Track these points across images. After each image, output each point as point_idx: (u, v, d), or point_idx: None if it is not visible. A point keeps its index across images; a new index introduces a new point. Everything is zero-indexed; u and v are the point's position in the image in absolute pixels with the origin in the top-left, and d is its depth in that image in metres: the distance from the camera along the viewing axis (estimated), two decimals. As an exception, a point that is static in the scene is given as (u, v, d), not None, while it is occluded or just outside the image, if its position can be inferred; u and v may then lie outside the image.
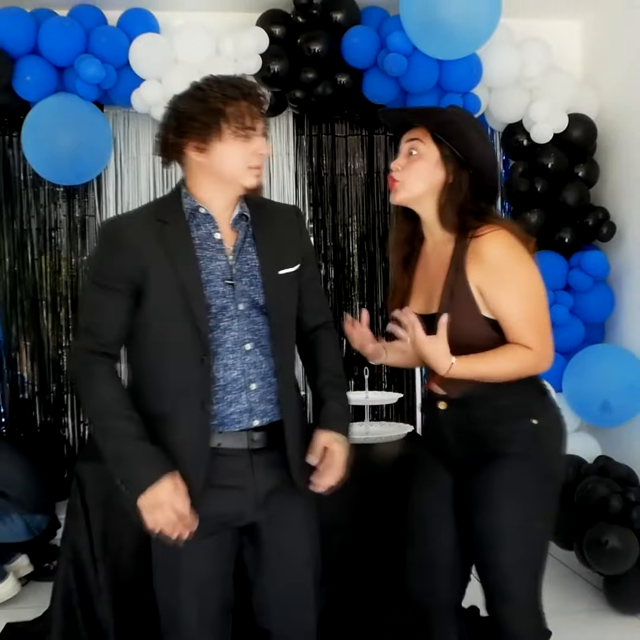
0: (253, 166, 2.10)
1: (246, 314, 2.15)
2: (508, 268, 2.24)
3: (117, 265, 2.07)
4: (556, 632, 3.37)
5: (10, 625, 3.65)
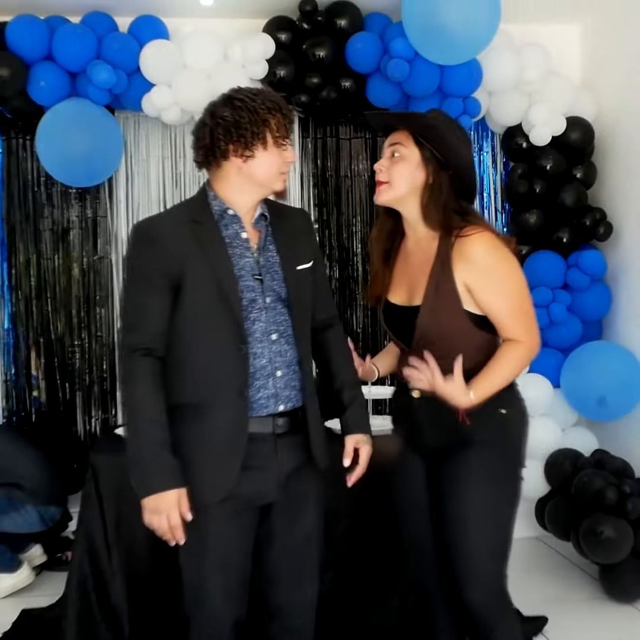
0: (283, 172, 2.33)
1: (272, 307, 2.31)
2: (494, 267, 2.38)
3: (155, 263, 2.22)
4: (554, 619, 3.53)
5: (25, 611, 3.78)
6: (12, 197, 4.62)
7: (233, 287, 2.25)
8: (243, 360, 2.25)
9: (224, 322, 2.24)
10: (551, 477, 4.21)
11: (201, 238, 2.26)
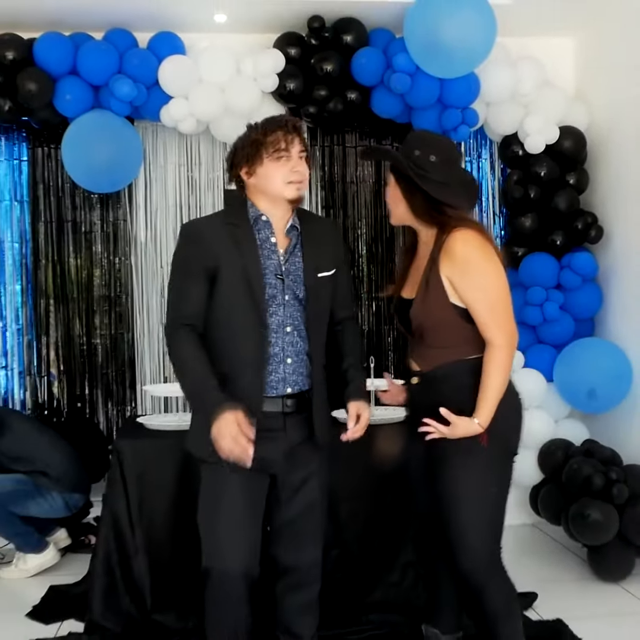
0: (293, 181, 2.62)
1: (290, 304, 2.66)
2: (472, 262, 2.62)
3: (197, 256, 2.62)
4: (546, 598, 3.80)
5: (53, 587, 4.06)
6: (38, 202, 4.91)
7: (258, 282, 2.60)
8: (262, 342, 2.61)
9: (249, 310, 2.61)
10: (544, 465, 4.46)
11: (237, 238, 2.63)
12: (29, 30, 4.47)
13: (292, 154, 2.63)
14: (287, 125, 2.63)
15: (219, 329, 2.65)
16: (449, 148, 2.83)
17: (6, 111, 4.38)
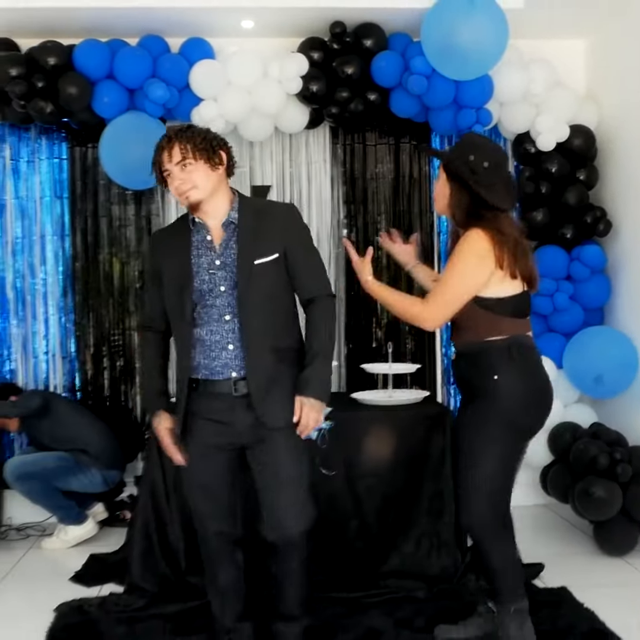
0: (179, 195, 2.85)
1: (229, 294, 2.83)
2: (456, 254, 3.01)
3: (152, 264, 3.05)
4: (552, 570, 4.05)
5: (93, 555, 4.38)
6: (76, 198, 5.19)
7: (185, 281, 2.86)
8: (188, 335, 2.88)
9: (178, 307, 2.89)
10: (553, 447, 4.71)
11: (175, 242, 2.92)
12: (69, 37, 4.76)
13: (172, 170, 2.83)
14: (162, 141, 2.84)
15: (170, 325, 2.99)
16: (498, 153, 3.18)
17: (48, 113, 4.66)
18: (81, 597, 3.80)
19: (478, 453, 2.98)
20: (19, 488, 4.58)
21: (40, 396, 4.73)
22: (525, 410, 3.05)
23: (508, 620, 3.03)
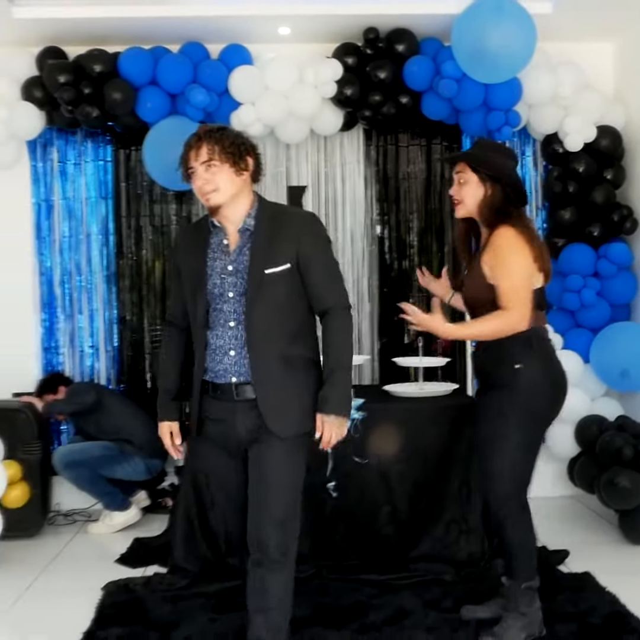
0: (201, 195, 2.85)
1: (236, 300, 2.81)
2: (505, 254, 3.14)
3: (174, 262, 3.06)
4: (577, 557, 4.20)
5: (137, 539, 4.60)
6: (120, 199, 5.43)
7: (200, 284, 2.85)
8: (203, 337, 2.87)
9: (193, 308, 2.90)
10: (580, 439, 4.85)
11: (194, 243, 2.92)
12: (114, 44, 4.98)
13: (197, 168, 2.83)
14: (192, 139, 2.87)
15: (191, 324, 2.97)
16: (514, 154, 3.44)
17: (94, 118, 4.88)
18: (127, 577, 4.02)
19: (501, 441, 3.15)
20: (67, 475, 4.82)
21: (94, 391, 4.96)
22: (544, 399, 3.24)
23: (518, 595, 3.22)
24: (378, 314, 5.51)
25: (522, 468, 3.20)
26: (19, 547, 4.55)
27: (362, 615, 3.50)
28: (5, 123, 4.91)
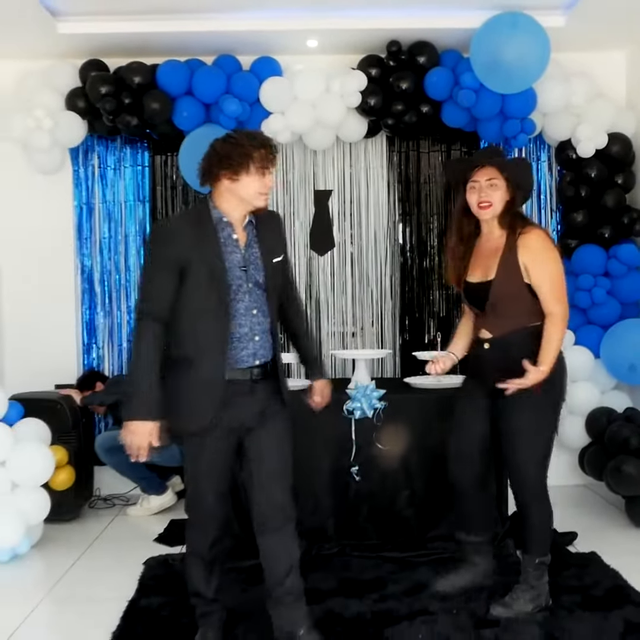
0: (263, 193, 3.02)
1: (254, 290, 3.05)
2: (543, 254, 3.45)
3: (169, 254, 2.93)
4: (585, 539, 4.46)
5: (173, 521, 4.93)
6: (156, 201, 5.75)
7: (223, 277, 2.96)
8: (227, 327, 2.98)
9: (215, 301, 2.95)
10: (590, 430, 5.12)
11: (202, 237, 2.95)
12: (152, 56, 5.32)
13: (270, 171, 3.00)
14: (268, 145, 3.00)
15: (188, 318, 2.95)
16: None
17: (133, 126, 5.22)
18: (166, 553, 4.35)
19: (536, 432, 3.43)
20: (108, 460, 5.15)
21: None
22: (562, 385, 3.54)
23: (531, 569, 3.50)
24: (400, 311, 5.80)
25: (547, 455, 3.51)
26: (62, 529, 4.89)
27: (382, 587, 3.79)
28: (51, 132, 5.24)
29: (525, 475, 3.47)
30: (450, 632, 3.28)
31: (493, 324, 3.52)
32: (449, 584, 3.71)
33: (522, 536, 3.61)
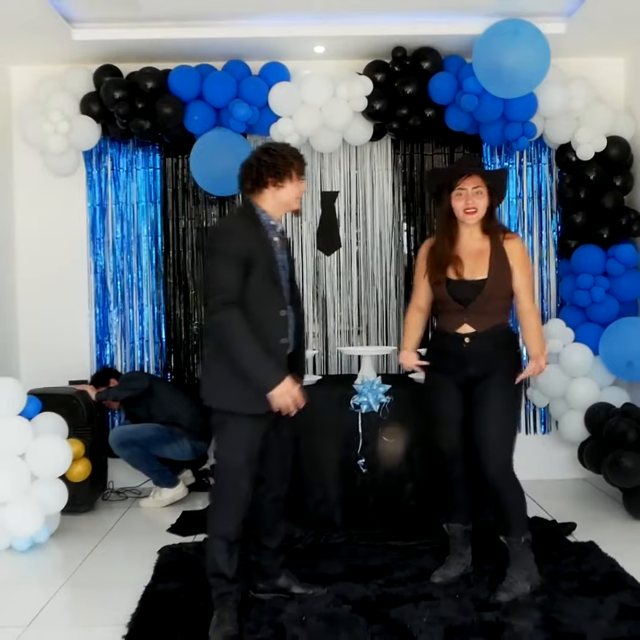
0: (300, 197, 3.53)
1: (287, 287, 3.50)
2: (526, 260, 3.85)
3: (235, 248, 3.30)
4: (585, 530, 4.62)
5: (185, 512, 5.10)
6: (167, 203, 5.92)
7: (277, 272, 3.41)
8: (284, 319, 3.42)
9: (273, 296, 3.39)
10: (589, 425, 5.27)
11: (259, 237, 3.38)
12: (163, 61, 5.48)
13: (304, 178, 3.53)
14: (302, 158, 3.51)
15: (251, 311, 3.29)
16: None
17: (146, 130, 5.38)
18: (179, 542, 4.51)
19: (506, 413, 3.73)
20: (122, 453, 5.31)
21: (146, 378, 5.47)
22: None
23: (520, 549, 3.72)
24: (404, 309, 5.95)
25: (514, 434, 3.80)
26: (78, 520, 5.06)
27: (388, 573, 3.96)
28: (66, 136, 5.40)
29: (496, 453, 3.67)
30: (453, 615, 3.43)
31: (476, 320, 3.78)
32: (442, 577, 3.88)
33: (502, 520, 3.82)
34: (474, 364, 3.76)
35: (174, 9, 5.01)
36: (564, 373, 5.44)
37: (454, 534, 4.00)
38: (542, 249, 5.94)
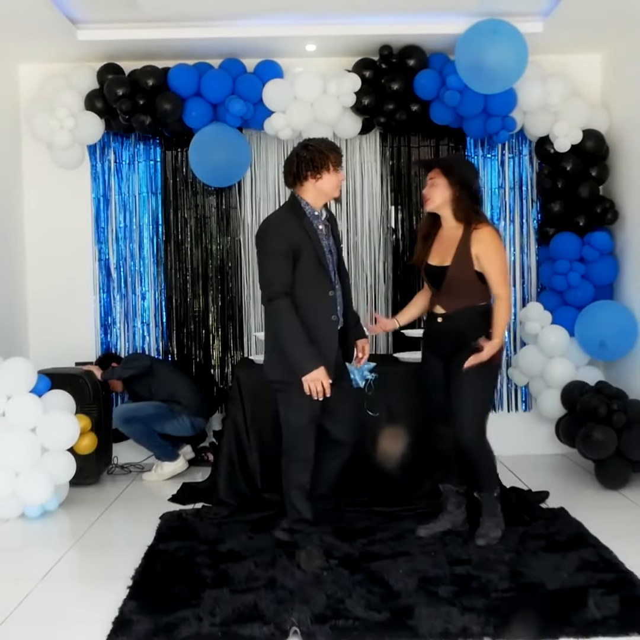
0: (339, 186, 3.89)
1: (335, 270, 3.92)
2: (492, 248, 4.04)
3: (283, 241, 3.73)
4: (557, 497, 4.94)
5: (185, 484, 5.42)
6: (167, 194, 6.22)
7: (325, 258, 3.82)
8: (332, 299, 3.85)
9: (321, 279, 3.81)
10: (565, 401, 5.59)
11: (305, 228, 3.78)
12: (163, 59, 5.79)
13: (341, 167, 3.89)
14: (338, 149, 3.87)
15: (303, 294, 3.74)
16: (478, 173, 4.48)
17: (147, 125, 5.69)
18: (180, 509, 4.85)
19: (477, 387, 4.03)
20: (125, 429, 5.64)
21: (148, 358, 5.80)
22: (500, 355, 4.16)
23: (493, 503, 4.12)
24: (392, 294, 6.28)
25: (487, 409, 4.17)
26: (84, 491, 5.39)
27: (371, 534, 4.30)
28: (72, 131, 5.72)
29: (464, 429, 4.03)
30: (427, 568, 3.78)
31: (446, 302, 4.12)
32: (428, 530, 4.23)
33: (476, 480, 4.18)
34: (445, 341, 4.13)
35: (172, 10, 5.29)
36: (542, 353, 5.75)
37: (445, 493, 4.34)
38: (522, 237, 6.24)
